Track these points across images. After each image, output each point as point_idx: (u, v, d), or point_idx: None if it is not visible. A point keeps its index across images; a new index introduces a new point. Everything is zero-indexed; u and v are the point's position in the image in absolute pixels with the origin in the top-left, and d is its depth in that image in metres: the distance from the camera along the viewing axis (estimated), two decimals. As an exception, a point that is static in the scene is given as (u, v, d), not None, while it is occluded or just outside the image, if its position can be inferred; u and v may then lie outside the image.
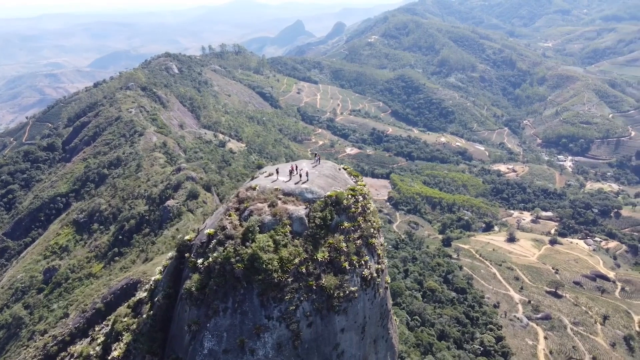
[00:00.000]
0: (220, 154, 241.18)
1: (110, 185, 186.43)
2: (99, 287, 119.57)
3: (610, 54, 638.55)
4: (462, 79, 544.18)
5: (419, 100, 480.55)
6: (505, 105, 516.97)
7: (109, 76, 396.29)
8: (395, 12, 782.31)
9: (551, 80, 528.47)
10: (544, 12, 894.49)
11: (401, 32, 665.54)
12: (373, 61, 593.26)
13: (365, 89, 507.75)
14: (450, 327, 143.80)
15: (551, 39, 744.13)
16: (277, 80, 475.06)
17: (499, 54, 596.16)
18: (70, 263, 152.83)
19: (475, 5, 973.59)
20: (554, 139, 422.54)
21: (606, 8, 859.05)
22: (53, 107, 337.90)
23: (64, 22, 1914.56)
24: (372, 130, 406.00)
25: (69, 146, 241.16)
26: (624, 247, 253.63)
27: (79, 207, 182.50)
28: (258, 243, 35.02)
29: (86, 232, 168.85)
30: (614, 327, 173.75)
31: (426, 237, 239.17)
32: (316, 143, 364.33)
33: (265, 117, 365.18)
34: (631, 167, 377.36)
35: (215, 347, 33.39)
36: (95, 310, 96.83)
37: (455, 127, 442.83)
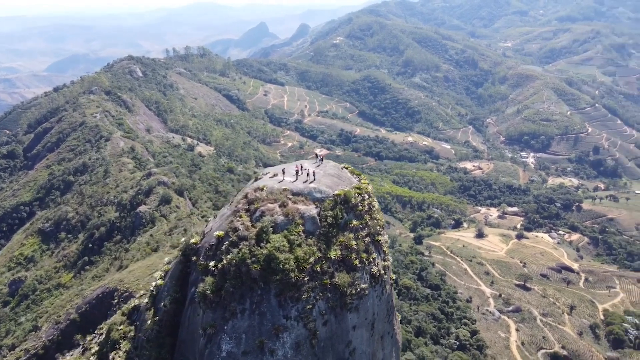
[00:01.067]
0: (189, 158, 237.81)
1: (77, 192, 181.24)
2: (70, 297, 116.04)
3: (566, 53, 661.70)
4: (426, 79, 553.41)
5: (386, 100, 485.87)
6: (469, 104, 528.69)
7: (67, 80, 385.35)
8: (359, 14, 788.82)
9: (512, 79, 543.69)
10: (503, 13, 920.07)
11: (365, 33, 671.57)
12: (339, 62, 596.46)
13: (332, 90, 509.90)
14: (427, 323, 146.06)
15: (510, 39, 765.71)
16: (244, 83, 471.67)
17: (462, 54, 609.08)
18: (37, 274, 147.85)
19: (437, 7, 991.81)
20: (516, 136, 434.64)
21: (561, 9, 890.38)
22: (10, 113, 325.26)
23: (18, 25, 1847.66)
24: (340, 131, 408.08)
25: (30, 153, 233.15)
26: (585, 239, 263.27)
27: (44, 216, 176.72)
28: (273, 243, 35.08)
29: (53, 242, 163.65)
30: (580, 317, 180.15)
31: (398, 235, 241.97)
32: (285, 145, 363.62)
33: (233, 120, 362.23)
34: (589, 162, 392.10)
35: (234, 349, 33.32)
36: (69, 321, 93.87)
37: (422, 126, 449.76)
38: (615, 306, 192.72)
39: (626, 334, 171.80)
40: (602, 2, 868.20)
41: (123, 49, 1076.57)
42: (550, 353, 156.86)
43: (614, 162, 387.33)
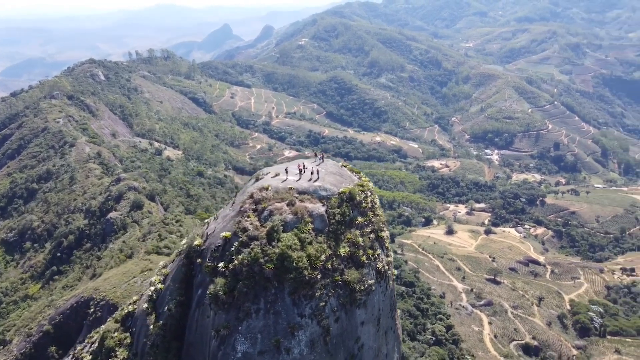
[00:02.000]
0: (158, 162, 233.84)
1: (41, 200, 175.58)
2: (40, 308, 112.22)
3: (525, 53, 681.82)
4: (392, 79, 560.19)
5: (353, 101, 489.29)
6: (434, 103, 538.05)
7: (23, 85, 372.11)
8: (323, 15, 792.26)
9: (475, 78, 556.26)
10: (464, 14, 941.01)
11: (331, 34, 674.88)
12: (305, 63, 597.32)
13: (299, 91, 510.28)
14: (403, 319, 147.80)
15: (472, 39, 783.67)
16: (210, 85, 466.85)
17: (426, 54, 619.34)
18: (2, 286, 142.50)
19: (400, 8, 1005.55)
20: (480, 134, 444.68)
21: (519, 10, 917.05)
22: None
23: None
24: (308, 132, 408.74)
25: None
26: (550, 233, 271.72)
27: (7, 226, 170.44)
28: (285, 242, 35.19)
29: (18, 252, 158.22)
30: (549, 308, 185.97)
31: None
32: (254, 147, 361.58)
33: (200, 123, 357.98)
34: (550, 157, 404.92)
35: (250, 350, 33.28)
36: (42, 333, 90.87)
37: (389, 126, 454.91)
38: (580, 296, 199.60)
39: (591, 322, 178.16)
40: (557, 3, 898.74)
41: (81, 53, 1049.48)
42: (521, 344, 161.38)
43: (573, 157, 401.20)
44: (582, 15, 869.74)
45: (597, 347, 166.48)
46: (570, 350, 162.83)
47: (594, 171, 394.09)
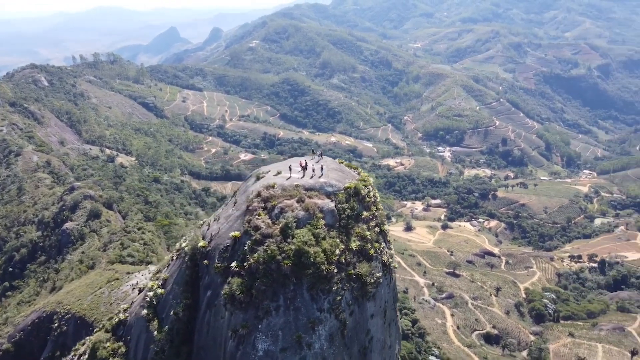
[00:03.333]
0: (111, 169, 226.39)
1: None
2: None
3: (470, 52, 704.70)
4: (344, 80, 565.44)
5: (306, 102, 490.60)
6: (387, 103, 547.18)
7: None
8: (273, 17, 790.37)
9: (424, 78, 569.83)
10: (411, 15, 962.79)
11: (281, 36, 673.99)
12: (256, 66, 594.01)
13: (252, 93, 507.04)
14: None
15: (419, 39, 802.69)
16: (160, 90, 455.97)
17: (376, 54, 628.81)
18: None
19: (349, 10, 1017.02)
20: (432, 132, 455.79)
21: (463, 11, 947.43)
22: None
23: None
24: (263, 134, 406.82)
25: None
26: (502, 225, 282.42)
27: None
28: (300, 238, 35.27)
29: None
30: (506, 297, 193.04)
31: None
32: (209, 151, 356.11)
33: (152, 128, 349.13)
34: (499, 153, 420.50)
35: (271, 347, 33.18)
36: (2, 352, 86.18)
37: (343, 126, 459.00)
38: (534, 284, 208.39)
39: (546, 308, 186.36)
40: (498, 5, 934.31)
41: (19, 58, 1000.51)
42: (483, 333, 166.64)
43: (520, 152, 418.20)
44: (522, 15, 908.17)
45: (552, 332, 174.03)
46: (528, 337, 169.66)
47: (540, 164, 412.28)
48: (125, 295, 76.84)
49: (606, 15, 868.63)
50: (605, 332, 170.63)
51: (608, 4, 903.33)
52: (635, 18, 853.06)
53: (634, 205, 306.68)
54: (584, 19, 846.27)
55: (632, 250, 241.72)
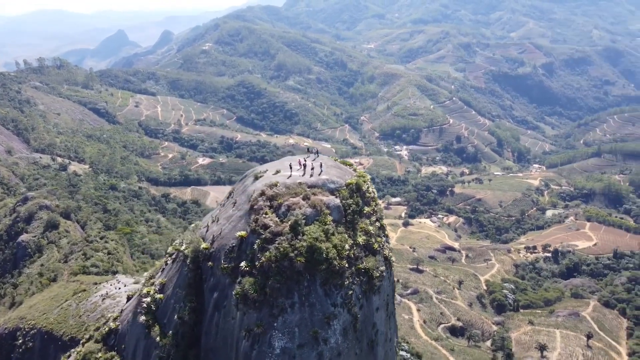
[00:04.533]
0: (65, 178, 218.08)
1: None
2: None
3: (422, 52, 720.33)
4: (300, 82, 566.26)
5: (263, 104, 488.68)
6: (343, 103, 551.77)
7: None
8: (225, 19, 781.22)
9: (379, 78, 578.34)
10: (363, 17, 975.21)
11: (235, 38, 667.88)
12: (210, 69, 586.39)
13: (207, 97, 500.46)
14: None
15: (373, 40, 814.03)
16: (111, 95, 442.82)
17: (331, 56, 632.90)
18: None
19: (302, 11, 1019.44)
20: (389, 131, 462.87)
21: (413, 12, 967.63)
22: None
23: None
24: (220, 138, 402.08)
25: None
26: (461, 220, 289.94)
27: None
28: (311, 234, 35.58)
29: None
30: (468, 290, 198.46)
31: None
32: (166, 157, 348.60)
33: (105, 135, 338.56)
34: (453, 150, 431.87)
35: (288, 345, 33.35)
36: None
37: (301, 127, 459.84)
38: (494, 276, 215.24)
39: (506, 299, 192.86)
40: (447, 6, 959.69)
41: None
42: (448, 326, 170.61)
43: (473, 148, 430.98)
44: (470, 16, 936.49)
45: (513, 321, 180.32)
46: (491, 327, 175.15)
47: (492, 160, 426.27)
48: (95, 306, 74.26)
49: (548, 16, 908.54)
50: (562, 319, 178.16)
51: (549, 5, 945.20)
52: (575, 18, 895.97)
53: (582, 197, 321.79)
54: (528, 20, 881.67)
55: (581, 239, 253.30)
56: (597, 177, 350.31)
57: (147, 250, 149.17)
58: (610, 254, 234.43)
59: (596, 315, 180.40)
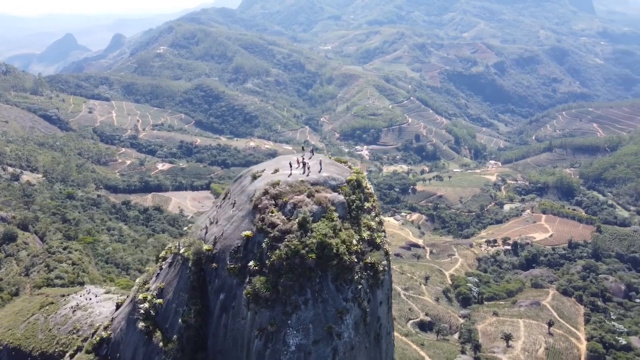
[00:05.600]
0: (18, 188, 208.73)
1: None
2: None
3: (379, 53, 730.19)
4: (258, 84, 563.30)
5: (222, 108, 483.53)
6: (302, 105, 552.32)
7: None
8: (179, 22, 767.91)
9: (337, 79, 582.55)
10: (319, 19, 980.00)
11: (190, 41, 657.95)
12: (166, 72, 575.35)
13: (164, 101, 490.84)
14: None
15: (329, 42, 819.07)
16: (63, 101, 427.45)
17: (288, 58, 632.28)
18: None
19: (257, 14, 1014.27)
20: (349, 131, 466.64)
21: (368, 14, 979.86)
22: None
23: None
24: (180, 143, 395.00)
25: None
26: (424, 217, 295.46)
27: None
28: (320, 231, 35.75)
29: None
30: (434, 285, 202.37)
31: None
32: (124, 163, 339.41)
33: (59, 142, 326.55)
34: (413, 149, 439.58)
35: (304, 341, 33.55)
36: None
37: (261, 130, 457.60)
38: (458, 270, 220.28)
39: (470, 292, 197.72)
40: (401, 7, 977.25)
41: None
42: (417, 322, 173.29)
43: (432, 147, 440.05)
44: (424, 17, 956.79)
45: (478, 313, 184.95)
46: (458, 320, 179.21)
47: (451, 158, 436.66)
48: (65, 319, 71.48)
49: (497, 17, 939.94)
50: (524, 308, 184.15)
51: (499, 6, 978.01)
52: (523, 19, 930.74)
53: (536, 190, 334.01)
54: (479, 21, 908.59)
55: (538, 231, 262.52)
56: (550, 171, 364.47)
57: (111, 259, 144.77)
58: (566, 244, 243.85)
59: (555, 304, 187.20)
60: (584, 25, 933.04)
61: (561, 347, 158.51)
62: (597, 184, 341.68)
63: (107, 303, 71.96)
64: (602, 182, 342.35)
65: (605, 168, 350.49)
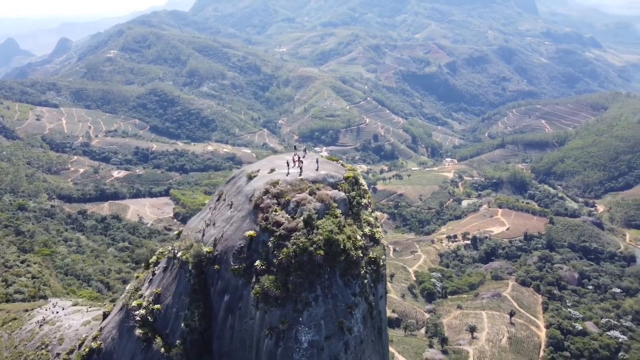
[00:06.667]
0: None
1: None
2: None
3: (334, 54, 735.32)
4: (214, 88, 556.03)
5: (177, 112, 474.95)
6: (260, 108, 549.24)
7: None
8: (130, 25, 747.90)
9: (294, 81, 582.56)
10: (273, 21, 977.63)
11: (142, 45, 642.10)
12: (118, 77, 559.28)
13: (116, 107, 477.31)
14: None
15: (284, 44, 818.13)
16: (7, 108, 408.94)
17: (244, 60, 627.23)
18: None
19: (210, 16, 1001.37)
20: (308, 133, 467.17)
21: (322, 16, 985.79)
22: None
23: None
24: (135, 149, 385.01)
25: None
26: (385, 216, 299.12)
27: None
28: (326, 227, 35.99)
29: None
30: (399, 282, 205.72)
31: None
32: (77, 172, 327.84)
33: (5, 152, 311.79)
34: (372, 148, 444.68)
35: (316, 337, 34.05)
36: None
37: (219, 134, 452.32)
38: (421, 267, 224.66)
39: (434, 287, 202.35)
40: (354, 9, 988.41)
41: None
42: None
43: (390, 146, 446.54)
44: (377, 19, 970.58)
45: (443, 307, 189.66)
46: (424, 315, 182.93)
47: (409, 156, 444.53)
48: (32, 334, 68.15)
49: (448, 18, 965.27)
50: (486, 300, 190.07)
51: (449, 8, 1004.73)
52: (471, 20, 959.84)
53: (492, 186, 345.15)
54: (430, 22, 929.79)
55: (496, 225, 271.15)
56: (504, 167, 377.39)
57: (71, 271, 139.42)
58: (522, 237, 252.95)
59: (515, 294, 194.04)
60: (529, 25, 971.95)
61: (523, 335, 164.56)
62: (548, 177, 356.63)
63: (76, 315, 69.27)
64: (552, 175, 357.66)
65: (555, 162, 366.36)
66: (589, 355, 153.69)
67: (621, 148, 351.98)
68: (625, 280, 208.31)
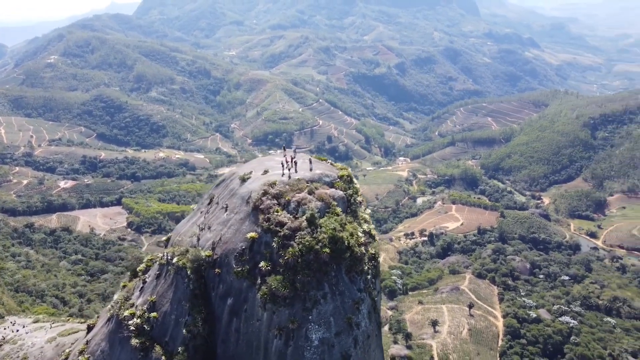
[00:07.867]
0: None
1: None
2: None
3: (285, 57, 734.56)
4: (164, 92, 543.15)
5: (125, 119, 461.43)
6: (211, 112, 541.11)
7: None
8: (71, 29, 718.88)
9: (245, 84, 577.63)
10: (222, 24, 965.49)
11: (85, 50, 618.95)
12: (60, 84, 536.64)
13: (60, 115, 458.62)
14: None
15: (234, 47, 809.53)
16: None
17: (193, 64, 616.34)
18: None
19: (155, 20, 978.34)
20: (261, 136, 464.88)
21: (271, 18, 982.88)
22: None
23: None
24: (82, 158, 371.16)
25: None
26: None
27: None
28: (329, 226, 36.27)
29: None
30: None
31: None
32: (20, 184, 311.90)
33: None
34: (326, 150, 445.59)
35: (326, 334, 34.42)
36: None
37: (170, 140, 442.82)
38: (381, 264, 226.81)
39: (395, 284, 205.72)
40: (303, 12, 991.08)
41: None
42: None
43: (344, 147, 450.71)
44: (325, 21, 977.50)
45: (405, 304, 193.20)
46: (387, 312, 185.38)
47: (363, 157, 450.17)
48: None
49: (394, 20, 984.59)
50: (446, 294, 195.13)
51: (395, 10, 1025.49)
52: (418, 22, 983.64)
53: (444, 182, 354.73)
54: (378, 24, 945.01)
55: (450, 221, 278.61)
56: (455, 164, 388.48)
57: (22, 287, 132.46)
58: (475, 231, 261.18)
59: (472, 287, 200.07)
60: (472, 27, 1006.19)
61: (482, 326, 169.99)
62: (497, 173, 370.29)
63: (38, 333, 65.86)
64: (501, 171, 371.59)
65: (502, 158, 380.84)
66: (543, 341, 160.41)
67: (562, 143, 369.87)
68: (572, 267, 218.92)
